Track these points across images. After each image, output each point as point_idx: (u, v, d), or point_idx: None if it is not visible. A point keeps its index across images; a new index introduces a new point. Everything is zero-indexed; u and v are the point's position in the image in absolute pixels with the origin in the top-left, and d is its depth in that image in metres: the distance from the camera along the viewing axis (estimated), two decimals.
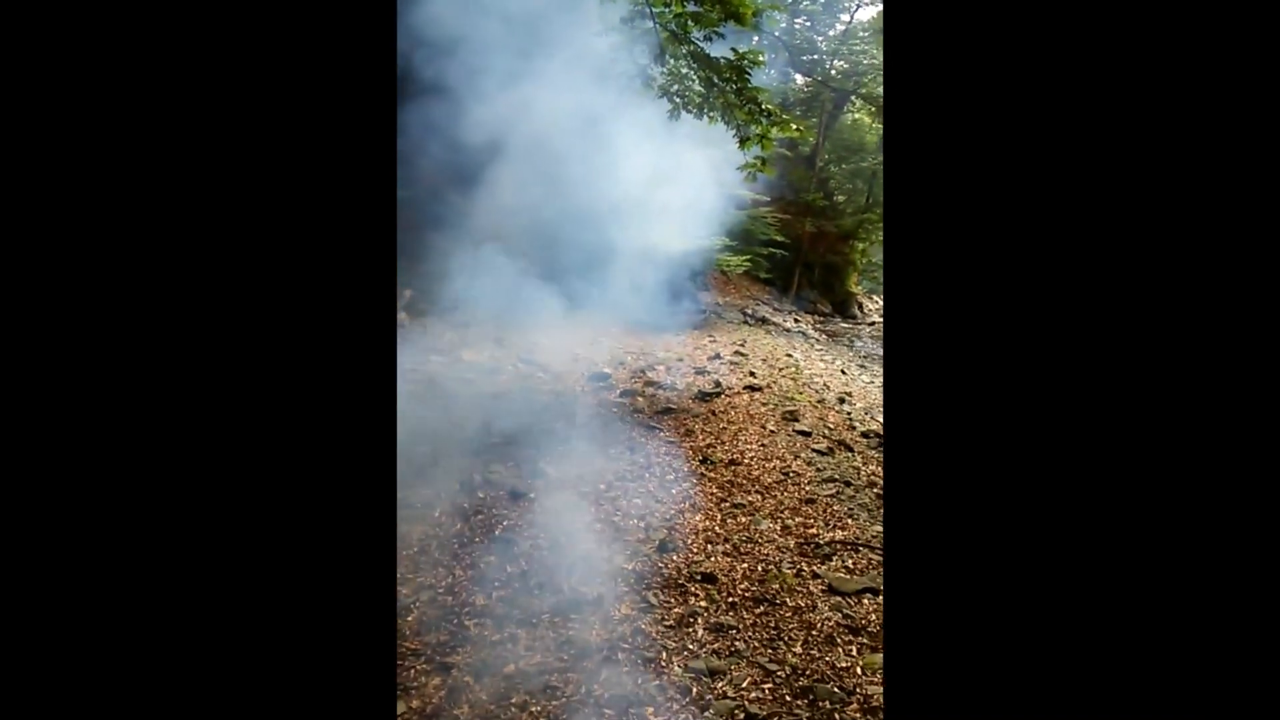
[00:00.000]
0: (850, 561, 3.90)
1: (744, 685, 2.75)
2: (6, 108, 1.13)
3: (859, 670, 2.94)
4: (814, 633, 3.18)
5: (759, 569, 3.68)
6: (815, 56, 16.53)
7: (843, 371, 9.78)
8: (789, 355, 9.52)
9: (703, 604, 3.29)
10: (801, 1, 15.98)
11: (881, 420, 6.83)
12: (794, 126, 8.25)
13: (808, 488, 4.84)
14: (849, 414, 7.01)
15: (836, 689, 2.78)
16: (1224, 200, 1.09)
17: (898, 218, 1.29)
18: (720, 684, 2.75)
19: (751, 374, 7.65)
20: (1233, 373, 1.08)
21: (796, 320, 13.55)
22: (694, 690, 2.68)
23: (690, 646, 2.95)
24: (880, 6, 16.01)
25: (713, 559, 3.71)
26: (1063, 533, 1.14)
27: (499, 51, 5.03)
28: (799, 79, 16.60)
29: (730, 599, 3.36)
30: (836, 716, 2.65)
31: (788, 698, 2.72)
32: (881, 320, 15.53)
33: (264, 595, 1.18)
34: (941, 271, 1.23)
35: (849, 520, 4.40)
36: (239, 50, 1.22)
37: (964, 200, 1.22)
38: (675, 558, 3.69)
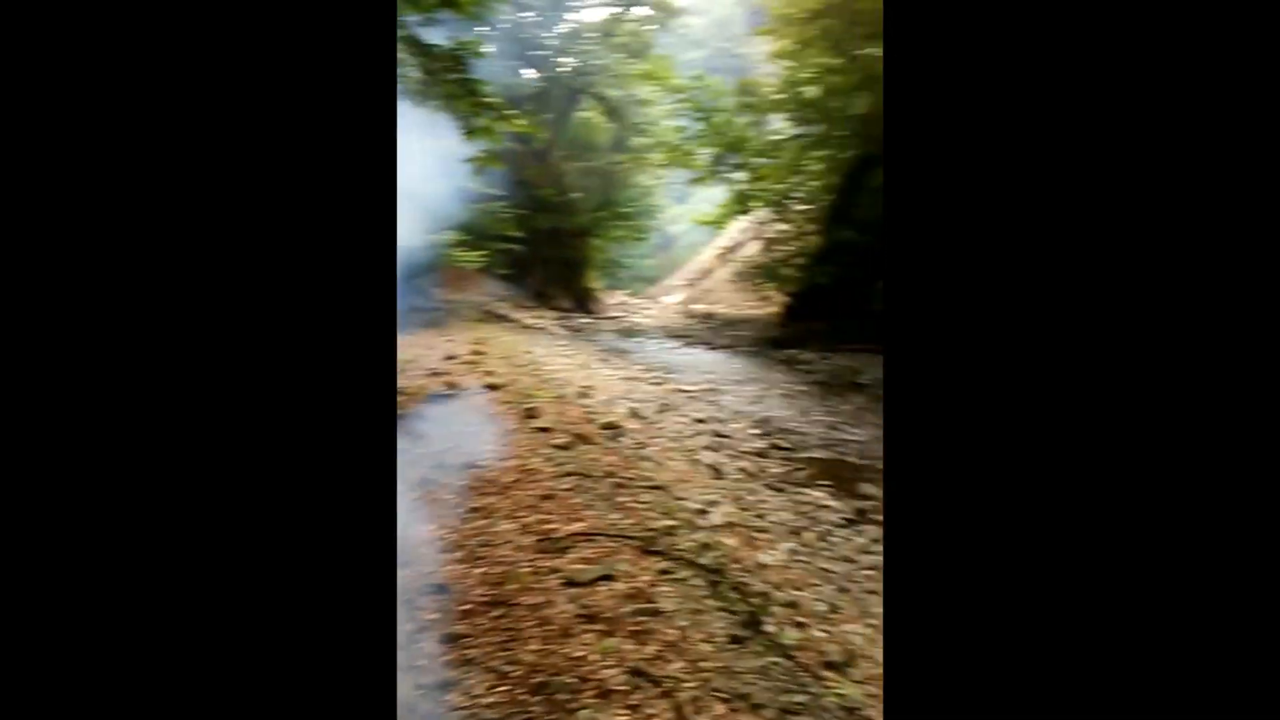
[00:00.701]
0: (588, 552, 3.97)
1: (477, 692, 2.67)
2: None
3: (594, 658, 2.98)
4: (550, 628, 3.17)
5: (495, 572, 3.61)
6: (544, 53, 16.59)
7: (583, 366, 9.99)
8: (528, 352, 9.54)
9: (433, 616, 3.15)
10: None
11: (620, 411, 7.08)
12: (521, 121, 8.22)
13: (546, 484, 4.86)
14: (589, 408, 7.17)
15: (571, 679, 2.80)
16: (1227, 191, 1.11)
17: (898, 213, 1.28)
18: (452, 695, 2.64)
19: (489, 373, 7.54)
20: (1235, 366, 1.11)
21: (536, 317, 13.63)
22: (422, 707, 2.54)
23: (420, 663, 2.81)
24: (608, 11, 16.53)
25: (445, 568, 3.57)
26: (1065, 531, 1.15)
27: None
28: (528, 74, 16.56)
29: (464, 607, 3.25)
30: (571, 705, 2.66)
31: (522, 696, 2.69)
32: (620, 315, 16.17)
33: (255, 592, 1.22)
34: (941, 267, 1.23)
35: (586, 512, 4.49)
36: (236, 44, 1.24)
37: (964, 197, 1.22)
38: (403, 573, 3.49)
